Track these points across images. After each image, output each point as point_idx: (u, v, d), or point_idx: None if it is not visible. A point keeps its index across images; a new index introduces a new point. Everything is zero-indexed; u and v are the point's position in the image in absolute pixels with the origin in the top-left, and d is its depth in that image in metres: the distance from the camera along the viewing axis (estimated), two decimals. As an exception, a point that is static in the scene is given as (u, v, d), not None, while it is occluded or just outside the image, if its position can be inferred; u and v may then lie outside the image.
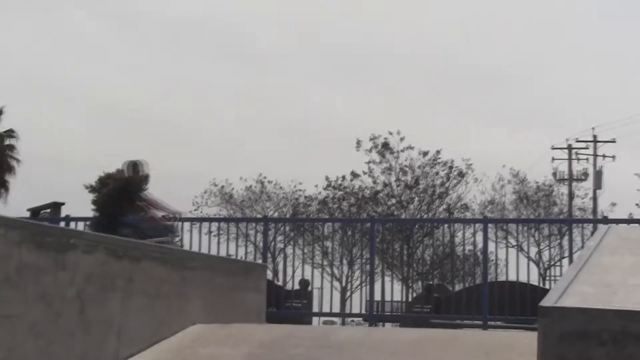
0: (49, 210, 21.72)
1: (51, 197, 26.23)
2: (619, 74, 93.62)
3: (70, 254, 7.90)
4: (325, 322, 22.43)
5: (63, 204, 25.33)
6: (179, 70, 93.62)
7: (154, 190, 16.01)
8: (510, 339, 9.99)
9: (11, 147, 63.80)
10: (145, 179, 15.78)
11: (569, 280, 6.43)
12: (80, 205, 51.64)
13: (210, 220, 24.62)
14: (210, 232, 22.71)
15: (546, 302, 5.98)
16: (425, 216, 48.05)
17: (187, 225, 21.62)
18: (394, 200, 52.19)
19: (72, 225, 18.32)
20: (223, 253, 19.72)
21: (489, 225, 21.75)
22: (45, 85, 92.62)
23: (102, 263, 8.32)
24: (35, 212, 21.79)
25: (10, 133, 63.48)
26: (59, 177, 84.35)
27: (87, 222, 18.60)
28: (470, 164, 53.11)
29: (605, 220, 19.55)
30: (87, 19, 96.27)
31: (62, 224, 18.29)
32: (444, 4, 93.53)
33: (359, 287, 30.62)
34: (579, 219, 41.53)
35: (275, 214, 49.25)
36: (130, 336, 8.70)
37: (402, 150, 52.46)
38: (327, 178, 52.09)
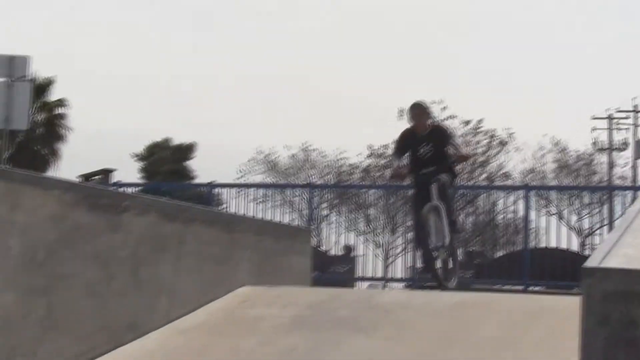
0: (100, 176, 21.83)
1: (101, 164, 26.41)
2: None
3: (124, 216, 7.99)
4: (369, 286, 22.42)
5: (113, 170, 25.49)
6: (224, 49, 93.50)
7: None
8: (552, 302, 9.99)
9: (61, 116, 63.99)
10: None
11: (613, 243, 6.43)
12: (129, 173, 51.95)
13: (256, 186, 24.65)
14: (255, 199, 22.78)
15: (590, 262, 5.98)
16: (466, 184, 47.96)
17: (233, 192, 21.76)
18: (435, 169, 52.08)
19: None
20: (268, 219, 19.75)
21: (531, 192, 21.77)
22: (92, 56, 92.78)
23: (154, 225, 8.39)
24: (86, 178, 21.93)
25: (60, 102, 63.67)
26: (108, 145, 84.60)
27: None
28: (512, 133, 52.84)
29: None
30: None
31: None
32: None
33: (402, 253, 30.57)
34: (619, 186, 41.13)
35: (319, 182, 49.09)
36: (180, 297, 8.77)
37: (445, 119, 52.33)
38: (370, 147, 52.09)
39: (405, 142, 12.58)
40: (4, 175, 6.77)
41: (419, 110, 12.55)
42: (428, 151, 12.32)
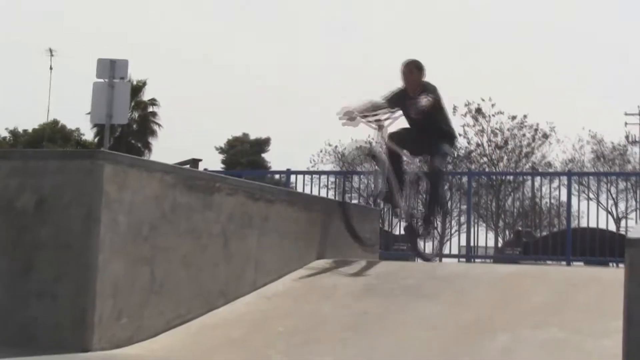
0: (188, 165, 21.95)
1: (187, 156, 26.62)
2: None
3: (216, 196, 8.06)
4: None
5: (200, 160, 25.63)
6: (297, 46, 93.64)
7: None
8: (594, 273, 9.98)
9: (153, 114, 64.60)
10: None
11: (651, 217, 6.42)
12: (212, 164, 52.25)
13: (327, 173, 24.68)
14: (327, 186, 22.87)
15: (634, 233, 5.98)
16: (513, 171, 47.77)
17: (307, 178, 21.83)
18: (485, 159, 52.03)
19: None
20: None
21: (573, 178, 21.71)
22: (182, 60, 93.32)
23: (241, 204, 8.45)
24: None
25: (152, 101, 64.27)
26: (194, 139, 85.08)
27: None
28: (554, 127, 52.76)
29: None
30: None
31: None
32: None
33: (456, 233, 30.60)
34: (649, 173, 40.99)
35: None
36: (264, 268, 8.84)
37: (493, 115, 52.17)
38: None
39: (394, 103, 10.63)
40: (113, 159, 6.84)
41: (411, 68, 10.62)
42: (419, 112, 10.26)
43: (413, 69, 10.62)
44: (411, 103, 10.21)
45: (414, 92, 10.40)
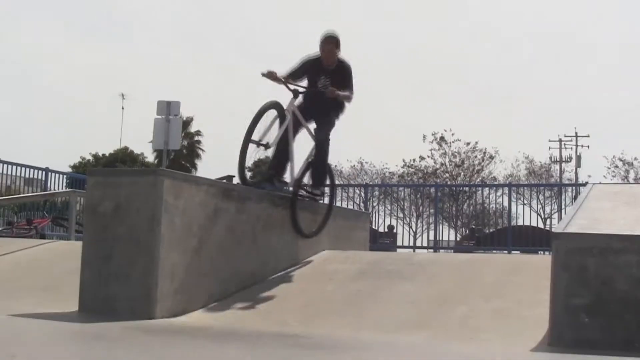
0: (225, 180, 21.91)
1: (225, 173, 26.71)
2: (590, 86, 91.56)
3: (247, 203, 8.08)
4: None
5: (234, 176, 25.60)
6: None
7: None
8: (528, 259, 10.00)
9: (198, 142, 64.67)
10: None
11: (570, 217, 6.45)
12: (243, 179, 52.06)
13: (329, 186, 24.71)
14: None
15: (557, 229, 6.02)
16: (468, 183, 47.77)
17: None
18: (447, 175, 51.97)
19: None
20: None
21: (512, 189, 21.72)
22: (217, 101, 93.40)
23: (266, 209, 8.47)
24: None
25: (198, 132, 64.37)
26: (228, 161, 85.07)
27: None
28: (497, 150, 53.06)
29: (584, 184, 19.33)
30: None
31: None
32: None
33: (426, 230, 30.66)
34: (567, 184, 41.15)
35: (371, 183, 49.06)
36: (283, 257, 8.83)
37: (453, 142, 52.23)
38: (403, 160, 52.46)
39: (306, 69, 8.87)
40: (171, 175, 6.89)
41: (332, 43, 8.83)
42: (326, 86, 8.78)
43: (332, 45, 8.82)
44: (324, 82, 8.78)
45: (329, 65, 8.81)
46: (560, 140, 60.80)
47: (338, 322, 6.67)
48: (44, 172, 19.44)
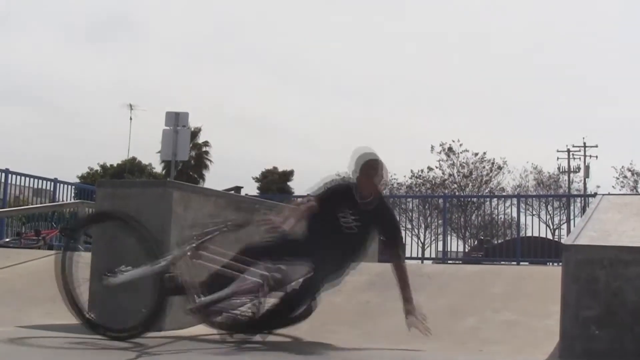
0: (233, 191, 21.97)
1: (232, 184, 26.78)
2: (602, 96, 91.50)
3: (255, 214, 8.09)
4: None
5: (242, 187, 25.66)
6: (315, 103, 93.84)
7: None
8: (537, 270, 10.02)
9: (206, 152, 64.81)
10: None
11: (580, 229, 6.44)
12: (250, 189, 52.26)
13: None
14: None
15: (567, 241, 6.02)
16: (476, 194, 47.80)
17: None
18: (455, 186, 51.96)
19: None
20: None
21: (521, 199, 21.74)
22: (225, 112, 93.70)
23: (274, 220, 8.48)
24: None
25: (205, 143, 64.52)
26: (236, 171, 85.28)
27: None
28: (505, 161, 52.99)
29: (593, 195, 19.29)
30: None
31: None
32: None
33: (434, 241, 30.68)
34: (576, 194, 41.14)
35: (378, 195, 49.07)
36: (292, 268, 8.82)
37: (461, 152, 52.26)
38: (411, 171, 52.48)
39: (336, 200, 6.29)
40: (180, 187, 6.91)
41: (378, 168, 6.28)
42: (354, 227, 6.22)
43: (379, 170, 6.32)
44: (350, 220, 6.24)
45: (365, 198, 6.26)
46: (568, 151, 60.68)
47: (349, 332, 6.67)
48: (52, 183, 19.50)
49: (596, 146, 61.66)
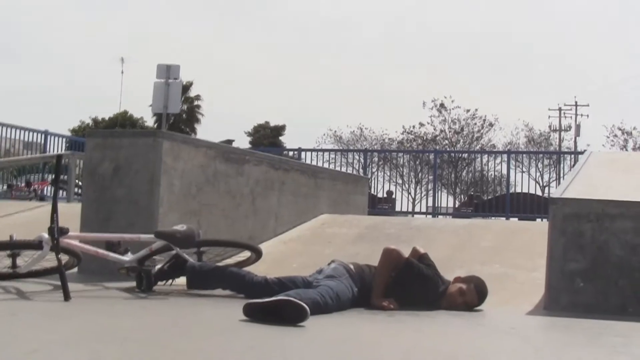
0: (224, 144, 21.93)
1: (224, 137, 26.75)
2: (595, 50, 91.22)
3: (246, 166, 8.10)
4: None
5: (233, 140, 25.65)
6: (310, 58, 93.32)
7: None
8: (525, 225, 10.03)
9: (198, 107, 64.58)
10: None
11: (568, 182, 6.47)
12: (242, 143, 52.17)
13: (329, 151, 24.75)
14: (328, 160, 22.91)
15: (555, 194, 6.04)
16: (467, 149, 47.81)
17: (314, 154, 21.90)
18: (447, 142, 51.91)
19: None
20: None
21: (511, 156, 21.78)
22: (217, 66, 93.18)
23: (265, 172, 8.50)
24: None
25: (197, 97, 64.25)
26: (228, 125, 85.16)
27: None
28: (497, 118, 53.30)
29: (583, 152, 19.37)
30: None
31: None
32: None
33: (424, 197, 30.77)
34: (566, 152, 41.20)
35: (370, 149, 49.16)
36: (282, 220, 8.89)
37: (453, 109, 52.13)
38: (403, 126, 52.64)
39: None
40: (170, 137, 6.89)
41: (479, 300, 5.45)
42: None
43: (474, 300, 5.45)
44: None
45: (451, 305, 5.39)
46: (560, 109, 60.72)
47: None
48: (43, 135, 19.43)
49: (587, 105, 61.86)
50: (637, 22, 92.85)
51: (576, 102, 61.19)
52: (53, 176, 17.96)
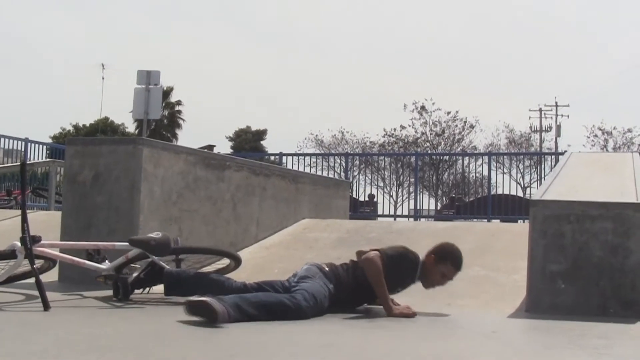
0: (206, 150, 21.87)
1: (205, 143, 26.69)
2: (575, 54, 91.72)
3: (227, 172, 8.08)
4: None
5: (215, 145, 25.57)
6: (290, 63, 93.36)
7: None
8: (507, 227, 10.05)
9: (179, 112, 64.38)
10: None
11: (548, 184, 6.49)
12: (224, 148, 52.09)
13: (310, 155, 24.70)
14: (309, 164, 22.88)
15: (535, 196, 6.05)
16: (449, 152, 47.92)
17: (295, 159, 21.87)
18: (428, 144, 52.00)
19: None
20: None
21: (492, 157, 21.86)
22: (198, 71, 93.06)
23: (246, 177, 8.48)
24: (197, 151, 21.97)
25: (178, 102, 64.07)
26: (209, 131, 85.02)
27: None
28: (478, 120, 53.37)
29: (563, 153, 19.44)
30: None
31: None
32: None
33: (405, 200, 30.83)
34: (547, 152, 41.37)
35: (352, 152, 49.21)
36: (264, 225, 8.87)
37: (434, 111, 52.26)
38: (384, 129, 52.66)
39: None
40: (150, 144, 6.86)
41: (455, 273, 5.66)
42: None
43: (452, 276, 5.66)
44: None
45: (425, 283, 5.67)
46: (540, 110, 61.10)
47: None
48: (23, 143, 19.30)
49: (568, 105, 62.34)
50: (616, 22, 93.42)
51: (556, 103, 61.65)
52: (35, 184, 17.86)
